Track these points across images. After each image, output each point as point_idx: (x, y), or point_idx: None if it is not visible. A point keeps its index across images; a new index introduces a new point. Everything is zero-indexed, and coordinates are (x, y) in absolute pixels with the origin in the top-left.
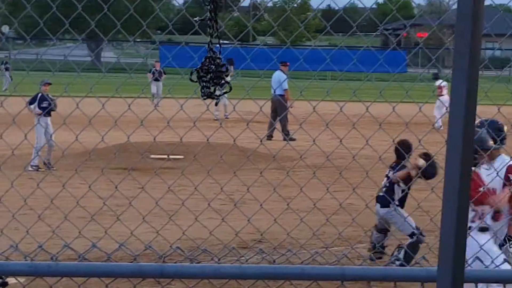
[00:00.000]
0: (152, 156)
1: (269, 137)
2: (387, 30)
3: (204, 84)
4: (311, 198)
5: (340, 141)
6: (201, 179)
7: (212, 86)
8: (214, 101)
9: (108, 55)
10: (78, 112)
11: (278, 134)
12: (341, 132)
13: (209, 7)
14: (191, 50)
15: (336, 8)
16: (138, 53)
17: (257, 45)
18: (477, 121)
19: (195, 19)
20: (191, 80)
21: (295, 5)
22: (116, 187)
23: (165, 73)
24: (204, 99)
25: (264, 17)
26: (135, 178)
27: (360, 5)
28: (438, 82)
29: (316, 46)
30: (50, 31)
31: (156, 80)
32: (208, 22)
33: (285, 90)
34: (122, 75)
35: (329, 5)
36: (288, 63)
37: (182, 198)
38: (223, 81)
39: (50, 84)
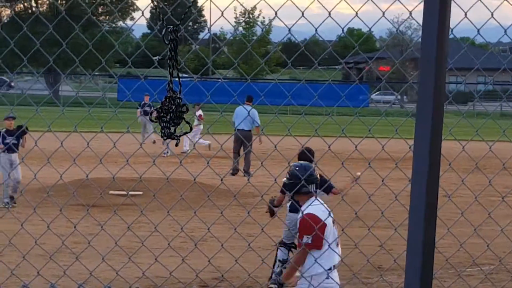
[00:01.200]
0: (111, 192)
1: (234, 172)
2: (348, 63)
3: (164, 124)
4: (271, 237)
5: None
6: (161, 216)
7: (173, 126)
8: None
9: (66, 88)
10: (38, 148)
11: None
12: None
13: (169, 46)
14: (151, 84)
15: (297, 41)
16: (97, 86)
17: (218, 79)
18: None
19: (155, 58)
20: (151, 120)
21: (254, 38)
22: (75, 227)
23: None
24: (165, 139)
25: (224, 51)
26: (94, 215)
27: (322, 38)
28: None
29: (276, 80)
30: (7, 65)
31: (146, 114)
32: (168, 61)
33: (257, 126)
34: (80, 109)
35: (289, 39)
36: (252, 98)
37: (142, 236)
38: (181, 121)
39: (13, 118)
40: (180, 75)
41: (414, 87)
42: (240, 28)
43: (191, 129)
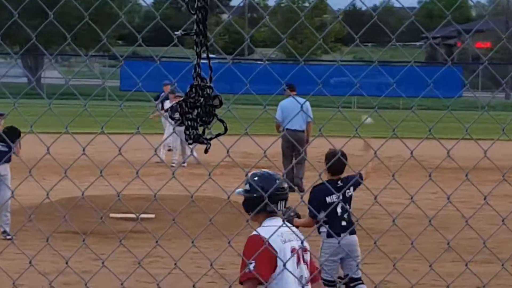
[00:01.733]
0: (113, 215)
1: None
2: (434, 38)
3: (189, 123)
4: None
5: (375, 198)
6: (181, 247)
7: (201, 125)
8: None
9: (51, 74)
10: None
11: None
12: (374, 180)
13: (196, 16)
14: (166, 68)
15: (364, 8)
16: (91, 71)
17: (257, 60)
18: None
19: (176, 33)
20: (171, 118)
21: (306, 4)
22: (66, 263)
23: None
24: (190, 143)
25: (266, 22)
26: (90, 247)
27: (397, 4)
28: None
29: (339, 62)
30: None
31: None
32: (195, 37)
33: (309, 122)
34: (69, 102)
35: (353, 5)
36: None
37: (156, 275)
38: (214, 119)
39: (2, 115)
40: (209, 55)
41: None
42: None
43: (226, 129)
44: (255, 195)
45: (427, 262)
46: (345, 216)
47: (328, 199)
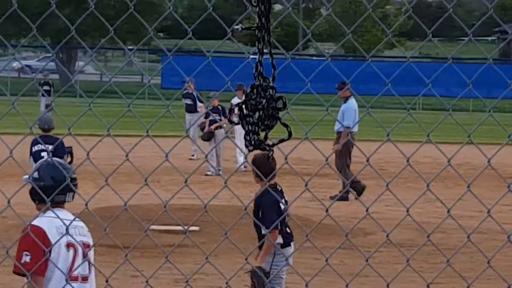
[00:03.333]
0: (154, 227)
1: (344, 196)
2: (507, 33)
3: (250, 128)
4: None
5: (448, 211)
6: (228, 263)
7: (262, 130)
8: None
9: (85, 70)
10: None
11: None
12: (442, 191)
13: (258, 9)
14: (214, 63)
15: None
16: (130, 67)
17: (315, 56)
18: None
19: (235, 27)
20: (230, 121)
21: None
22: (107, 281)
23: (202, 101)
24: (251, 150)
25: (320, 11)
26: (129, 261)
27: None
28: None
29: (409, 59)
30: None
31: (189, 111)
32: (257, 31)
33: (347, 127)
34: (106, 101)
35: None
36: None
37: None
38: (277, 123)
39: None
40: (266, 51)
41: None
42: None
43: (290, 134)
44: (43, 183)
45: (503, 282)
46: (287, 222)
47: (281, 206)
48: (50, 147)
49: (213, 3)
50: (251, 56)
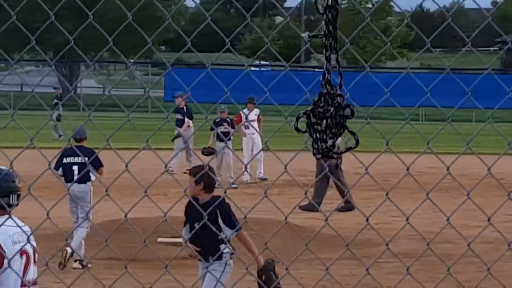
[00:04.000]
0: (161, 239)
1: (349, 207)
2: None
3: (318, 135)
4: None
5: (448, 219)
6: (239, 276)
7: (330, 138)
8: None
9: (88, 84)
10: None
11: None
12: (442, 201)
13: (325, 16)
14: (215, 75)
15: (432, 9)
16: (132, 80)
17: (315, 67)
18: None
19: (303, 35)
20: (296, 129)
21: (369, 5)
22: None
23: (191, 117)
24: (318, 158)
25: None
26: (135, 275)
27: (468, 5)
28: None
29: (408, 70)
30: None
31: (179, 126)
32: (324, 39)
33: None
34: (108, 114)
35: (421, 7)
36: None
37: None
38: (344, 131)
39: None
40: (261, 62)
41: None
42: None
43: (357, 142)
44: None
45: None
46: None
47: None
48: (80, 158)
49: (213, 15)
50: (252, 68)
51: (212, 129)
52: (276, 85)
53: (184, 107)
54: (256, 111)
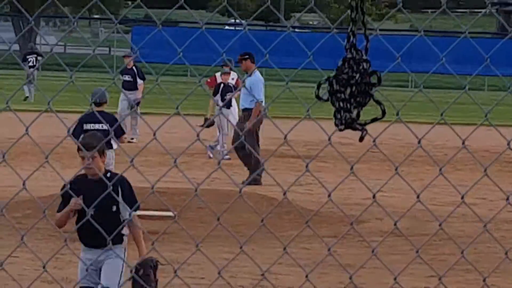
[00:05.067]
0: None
1: (256, 180)
2: (507, 5)
3: (341, 104)
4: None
5: (462, 197)
6: (212, 253)
7: (354, 107)
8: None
9: (48, 41)
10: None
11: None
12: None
13: None
14: (185, 34)
15: None
16: (96, 38)
17: (296, 27)
18: None
19: None
20: (318, 97)
21: None
22: (44, 267)
23: (143, 78)
24: (342, 129)
25: None
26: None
27: None
28: None
29: (396, 31)
30: None
31: (128, 89)
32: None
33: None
34: (64, 75)
35: None
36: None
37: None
38: (369, 100)
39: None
40: (239, 21)
41: None
42: None
43: (383, 113)
44: None
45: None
46: None
47: None
48: (101, 125)
49: None
50: (226, 27)
51: (215, 94)
52: (253, 46)
53: (134, 68)
54: (233, 75)
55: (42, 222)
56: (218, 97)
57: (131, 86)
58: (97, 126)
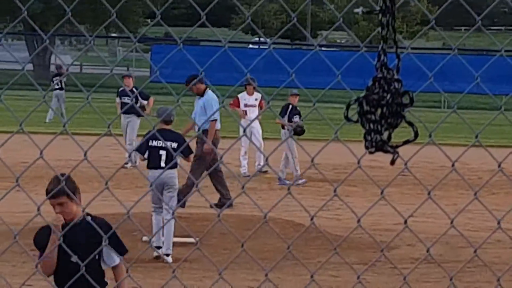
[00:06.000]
0: (146, 238)
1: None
2: None
3: (371, 126)
4: None
5: (498, 222)
6: (235, 281)
7: (385, 129)
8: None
9: (64, 60)
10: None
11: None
12: (467, 200)
13: None
14: (207, 53)
15: None
16: (114, 57)
17: (322, 46)
18: None
19: (356, 10)
20: (347, 118)
21: None
22: None
23: (146, 98)
24: (372, 152)
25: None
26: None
27: None
28: None
29: (426, 50)
30: None
31: (127, 112)
32: (380, 16)
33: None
34: (81, 96)
35: None
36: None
37: None
38: (401, 121)
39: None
40: (262, 39)
41: None
42: None
43: (416, 134)
44: None
45: None
46: None
47: None
48: (169, 143)
49: None
50: (250, 46)
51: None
52: (278, 65)
53: (134, 89)
54: (256, 95)
55: None
56: (286, 118)
57: (129, 109)
58: (163, 143)
